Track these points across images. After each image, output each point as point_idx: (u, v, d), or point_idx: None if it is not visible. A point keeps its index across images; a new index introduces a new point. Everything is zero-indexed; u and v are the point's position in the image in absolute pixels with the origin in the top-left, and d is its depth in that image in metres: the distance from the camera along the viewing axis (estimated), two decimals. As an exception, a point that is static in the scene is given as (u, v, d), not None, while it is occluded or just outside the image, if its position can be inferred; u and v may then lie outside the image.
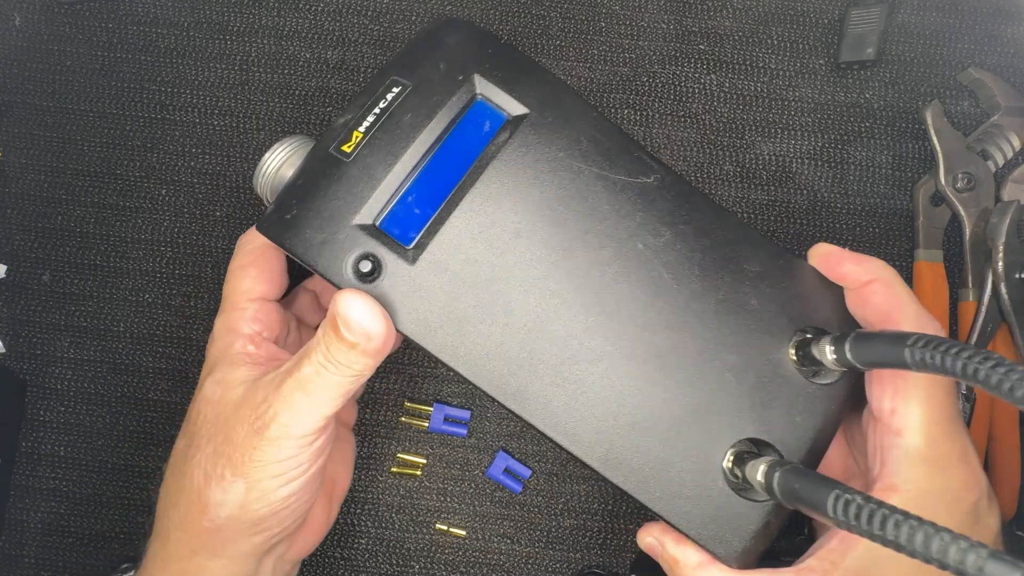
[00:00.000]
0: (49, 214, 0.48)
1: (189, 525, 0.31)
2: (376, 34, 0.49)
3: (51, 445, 0.46)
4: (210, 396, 0.32)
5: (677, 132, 0.48)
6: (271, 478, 0.30)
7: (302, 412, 0.30)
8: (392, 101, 0.31)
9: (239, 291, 0.34)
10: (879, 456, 0.31)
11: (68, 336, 0.47)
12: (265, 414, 0.30)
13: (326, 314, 0.30)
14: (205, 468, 0.30)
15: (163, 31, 0.49)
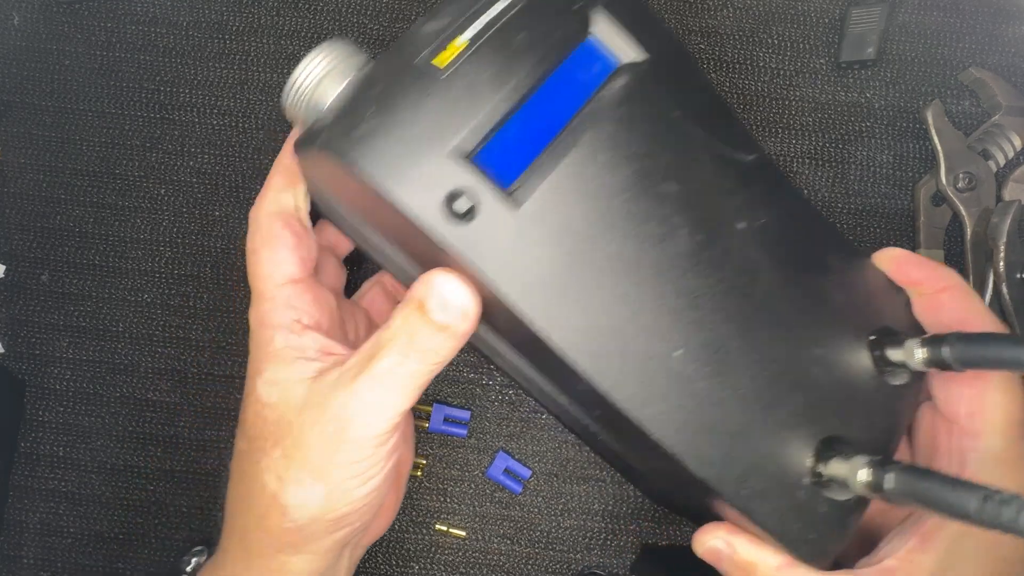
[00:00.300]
0: (48, 214, 0.47)
1: (269, 526, 0.30)
2: (376, 33, 0.49)
3: (50, 445, 0.46)
4: (266, 399, 0.30)
5: (677, 132, 0.48)
6: (351, 478, 0.29)
7: (381, 410, 0.28)
8: (503, 13, 0.27)
9: (262, 277, 0.31)
10: (955, 458, 0.31)
11: (67, 336, 0.47)
12: (341, 416, 0.28)
13: (403, 300, 0.28)
14: (278, 473, 0.29)
15: (162, 30, 0.49)
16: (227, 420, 0.46)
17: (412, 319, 0.27)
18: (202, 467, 0.46)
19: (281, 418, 0.29)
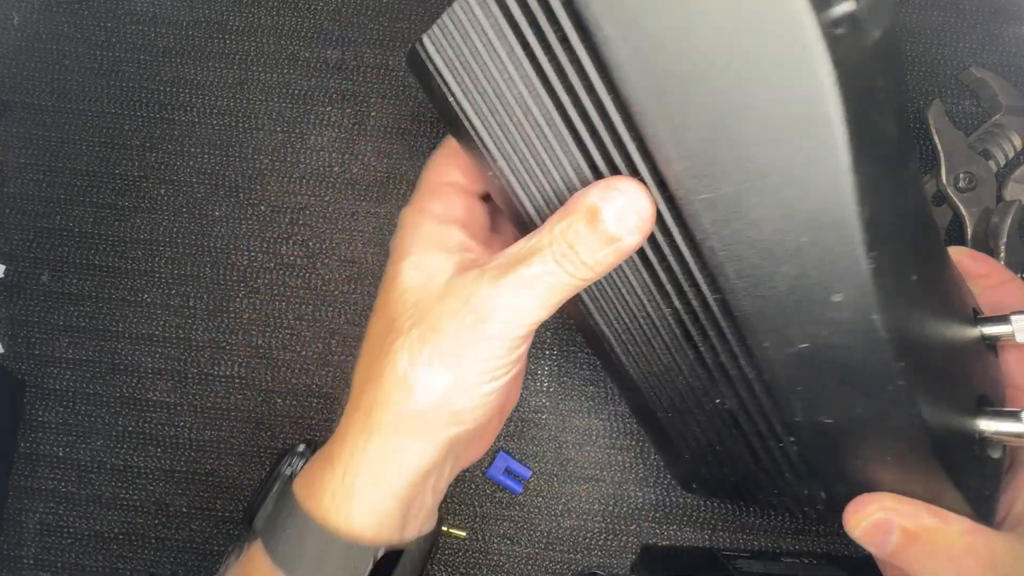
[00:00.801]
0: (47, 214, 0.47)
1: (392, 405, 0.30)
2: (376, 33, 0.49)
3: (50, 445, 0.46)
4: (409, 282, 0.31)
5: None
6: (478, 374, 0.29)
7: (520, 314, 0.28)
8: None
9: (429, 174, 0.33)
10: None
11: (67, 336, 0.47)
12: (480, 311, 0.28)
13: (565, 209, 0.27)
14: (410, 353, 0.29)
15: (162, 30, 0.49)
16: (227, 420, 0.46)
17: (578, 227, 0.26)
18: (202, 467, 0.46)
19: (421, 301, 0.30)
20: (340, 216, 0.47)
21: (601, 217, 0.25)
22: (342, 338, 0.46)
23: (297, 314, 0.47)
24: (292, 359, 0.46)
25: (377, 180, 0.48)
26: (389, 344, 0.30)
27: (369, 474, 0.29)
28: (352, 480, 0.29)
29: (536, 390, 0.46)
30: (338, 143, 0.48)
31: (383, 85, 0.48)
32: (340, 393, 0.46)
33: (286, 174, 0.48)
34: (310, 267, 0.47)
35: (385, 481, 0.29)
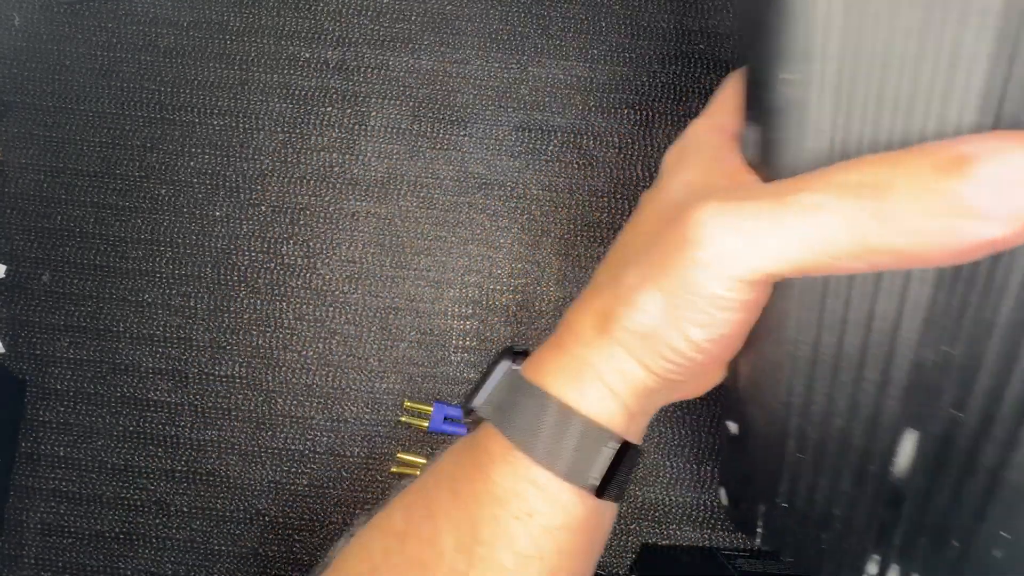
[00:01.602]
0: (49, 214, 0.48)
1: (619, 319, 0.26)
2: (376, 34, 0.49)
3: (51, 445, 0.46)
4: (673, 199, 0.28)
5: (677, 132, 0.48)
6: (687, 313, 0.24)
7: (747, 252, 0.21)
8: None
9: (722, 98, 0.28)
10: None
11: (68, 336, 0.47)
12: (699, 236, 0.22)
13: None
14: (638, 271, 0.26)
15: (162, 31, 0.49)
16: (228, 420, 0.46)
17: (918, 168, 0.18)
18: (203, 467, 0.46)
19: (662, 227, 0.26)
20: (340, 216, 0.48)
21: (969, 171, 0.17)
22: (342, 338, 0.47)
23: (297, 314, 0.47)
24: (292, 359, 0.46)
25: (377, 180, 0.48)
26: (626, 259, 0.27)
27: (599, 373, 0.27)
28: (585, 371, 0.27)
29: (536, 390, 0.46)
30: (338, 143, 0.48)
31: (383, 86, 0.49)
32: (340, 393, 0.46)
33: (287, 174, 0.48)
34: (310, 267, 0.47)
35: (612, 385, 0.27)
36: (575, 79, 0.48)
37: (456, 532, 0.27)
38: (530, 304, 0.47)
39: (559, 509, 0.26)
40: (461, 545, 0.26)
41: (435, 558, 0.26)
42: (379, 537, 0.28)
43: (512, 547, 0.26)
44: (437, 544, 0.27)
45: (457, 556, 0.26)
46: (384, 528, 0.29)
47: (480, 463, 0.27)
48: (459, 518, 0.27)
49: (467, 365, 0.46)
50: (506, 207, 0.48)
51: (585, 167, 0.48)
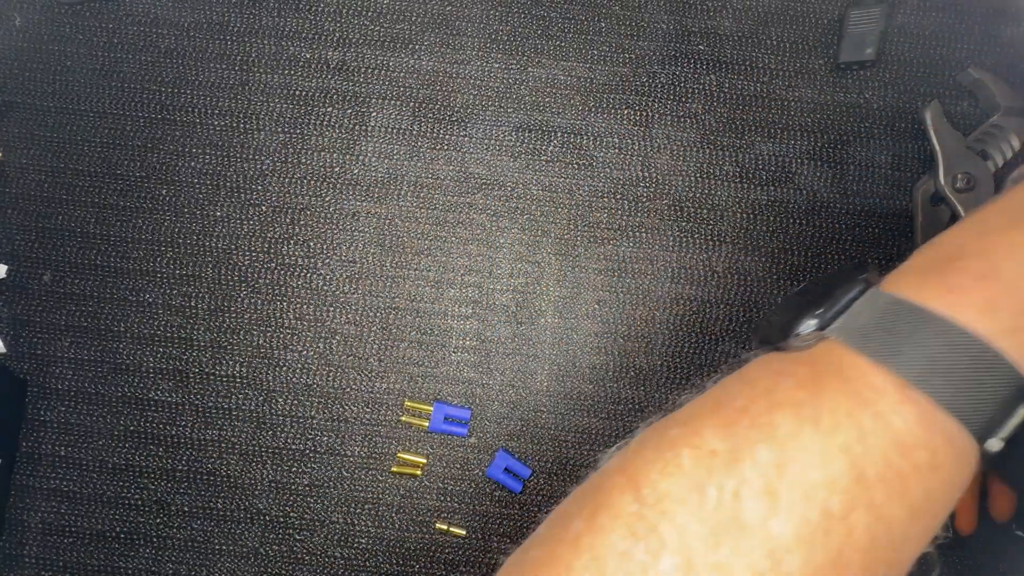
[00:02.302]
0: (49, 214, 0.48)
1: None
2: (376, 34, 0.49)
3: (51, 445, 0.46)
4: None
5: (677, 132, 0.48)
6: None
7: None
8: None
9: None
10: None
11: (68, 336, 0.47)
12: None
13: None
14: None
15: (163, 31, 0.49)
16: (228, 419, 0.46)
17: None
18: (203, 466, 0.46)
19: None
20: (341, 216, 0.48)
21: None
22: (343, 338, 0.47)
23: (298, 314, 0.47)
24: (293, 359, 0.47)
25: (378, 181, 0.48)
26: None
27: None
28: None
29: (536, 390, 0.46)
30: (339, 144, 0.48)
31: (384, 86, 0.49)
32: (341, 392, 0.46)
33: (287, 175, 0.48)
34: (311, 267, 0.47)
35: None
36: (575, 79, 0.49)
37: (825, 468, 0.22)
38: (530, 304, 0.47)
39: (964, 465, 0.23)
40: (835, 484, 0.22)
41: (794, 489, 0.21)
42: (691, 452, 0.23)
43: (907, 498, 0.22)
44: (792, 474, 0.22)
45: (831, 496, 0.21)
46: (695, 444, 0.23)
47: (858, 395, 0.23)
48: (827, 453, 0.22)
49: (467, 365, 0.46)
50: (506, 207, 0.48)
51: (585, 167, 0.48)
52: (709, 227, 0.47)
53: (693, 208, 0.48)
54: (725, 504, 0.21)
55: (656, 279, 0.47)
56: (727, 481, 0.22)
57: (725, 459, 0.22)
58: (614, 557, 0.22)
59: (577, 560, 0.22)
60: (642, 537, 0.22)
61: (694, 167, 0.48)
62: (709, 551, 0.21)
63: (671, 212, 0.47)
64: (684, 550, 0.21)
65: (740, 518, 0.21)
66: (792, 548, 0.21)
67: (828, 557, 0.21)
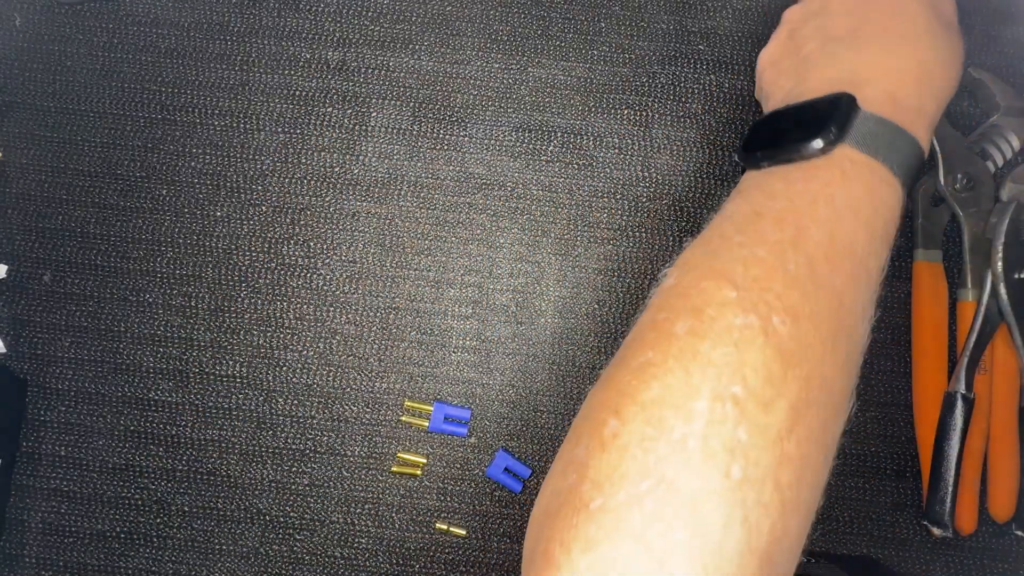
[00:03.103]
0: (50, 214, 0.48)
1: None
2: (377, 35, 0.49)
3: (52, 445, 0.46)
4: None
5: (677, 132, 0.48)
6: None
7: None
8: None
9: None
10: None
11: (69, 336, 0.47)
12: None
13: None
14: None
15: (163, 32, 0.49)
16: (228, 419, 0.46)
17: None
18: (203, 466, 0.46)
19: None
20: (341, 217, 0.48)
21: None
22: (343, 338, 0.47)
23: (298, 314, 0.47)
24: (293, 358, 0.47)
25: (378, 181, 0.48)
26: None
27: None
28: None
29: (536, 390, 0.46)
30: (339, 144, 0.48)
31: (384, 86, 0.49)
32: (341, 392, 0.46)
33: (287, 175, 0.48)
34: (311, 267, 0.47)
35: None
36: (575, 80, 0.49)
37: (814, 208, 0.31)
38: (530, 304, 0.47)
39: (893, 191, 0.34)
40: (816, 218, 0.31)
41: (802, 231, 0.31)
42: (700, 244, 0.33)
43: (859, 218, 0.32)
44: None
45: (819, 228, 0.31)
46: (705, 238, 0.33)
47: (840, 169, 0.33)
48: (813, 192, 0.32)
49: (467, 365, 0.46)
50: (506, 207, 0.48)
51: (585, 167, 0.48)
52: (709, 227, 0.47)
53: (693, 208, 0.48)
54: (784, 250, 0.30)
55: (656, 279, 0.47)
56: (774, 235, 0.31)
57: (758, 234, 0.31)
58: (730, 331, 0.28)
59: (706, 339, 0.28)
60: (750, 309, 0.28)
61: (694, 167, 0.48)
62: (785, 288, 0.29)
63: (671, 212, 0.47)
64: (791, 309, 0.28)
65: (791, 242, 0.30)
66: (790, 251, 0.30)
67: (807, 257, 0.29)
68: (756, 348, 0.27)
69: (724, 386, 0.26)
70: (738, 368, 0.26)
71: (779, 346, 0.27)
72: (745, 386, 0.26)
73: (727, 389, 0.26)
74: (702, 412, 0.26)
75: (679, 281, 0.31)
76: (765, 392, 0.26)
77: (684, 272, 0.31)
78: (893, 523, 0.45)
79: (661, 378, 0.27)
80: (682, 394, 0.26)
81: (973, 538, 0.45)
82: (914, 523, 0.45)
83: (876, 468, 0.46)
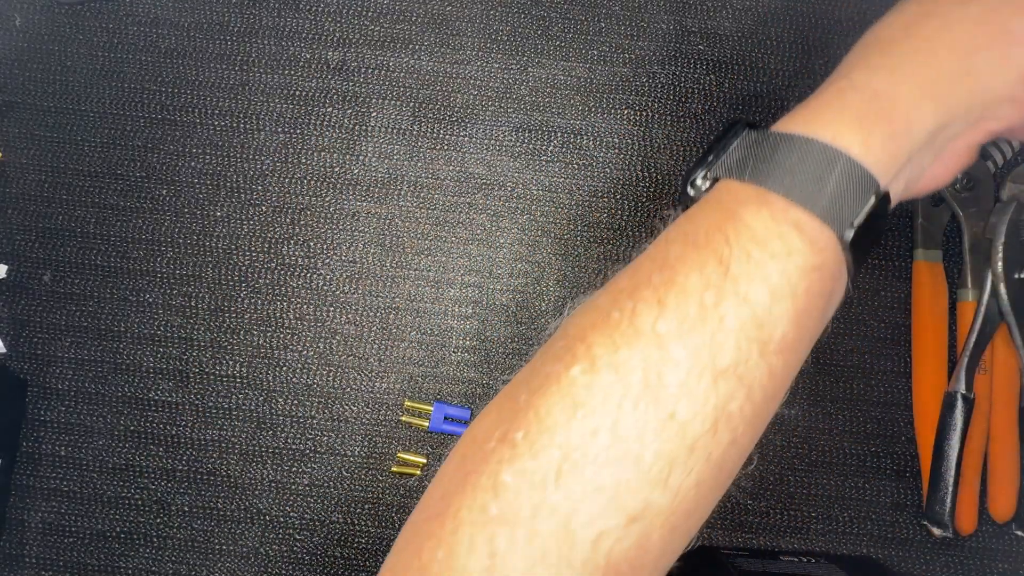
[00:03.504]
0: (50, 214, 0.48)
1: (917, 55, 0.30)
2: (377, 35, 0.49)
3: (52, 445, 0.46)
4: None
5: (677, 132, 0.48)
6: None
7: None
8: None
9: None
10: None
11: (69, 336, 0.47)
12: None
13: None
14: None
15: (163, 32, 0.49)
16: (228, 419, 0.46)
17: None
18: (203, 466, 0.46)
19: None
20: (341, 217, 0.48)
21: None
22: (343, 338, 0.47)
23: (298, 314, 0.47)
24: (293, 359, 0.47)
25: (378, 181, 0.48)
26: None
27: (888, 107, 0.28)
28: (868, 109, 0.28)
29: (536, 390, 0.46)
30: (339, 144, 0.48)
31: (384, 86, 0.49)
32: (341, 392, 0.46)
33: (287, 175, 0.48)
34: (311, 267, 0.47)
35: (894, 124, 0.28)
36: (575, 80, 0.49)
37: (701, 272, 0.26)
38: (530, 304, 0.47)
39: (817, 250, 0.26)
40: (708, 282, 0.26)
41: (677, 295, 0.26)
42: (605, 295, 0.28)
43: (767, 283, 0.26)
44: (676, 283, 0.26)
45: (705, 292, 0.26)
46: (609, 289, 0.28)
47: (728, 211, 0.27)
48: (703, 260, 0.27)
49: (467, 365, 0.46)
50: (506, 207, 0.48)
51: (585, 167, 0.48)
52: (709, 227, 0.47)
53: (693, 208, 0.48)
54: (625, 318, 0.26)
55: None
56: (627, 303, 0.27)
57: (628, 290, 0.27)
58: (541, 378, 0.27)
59: (516, 389, 0.28)
60: (561, 358, 0.27)
61: (694, 167, 0.48)
62: (610, 354, 0.26)
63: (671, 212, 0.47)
64: (590, 357, 0.26)
65: (636, 325, 0.26)
66: (675, 338, 0.26)
67: (703, 340, 0.26)
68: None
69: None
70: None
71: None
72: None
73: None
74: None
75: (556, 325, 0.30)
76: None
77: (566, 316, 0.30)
78: (893, 523, 0.45)
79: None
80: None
81: (973, 538, 0.45)
82: (914, 523, 0.45)
83: (876, 468, 0.46)
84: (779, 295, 0.26)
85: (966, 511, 0.43)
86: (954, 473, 0.42)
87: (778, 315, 0.26)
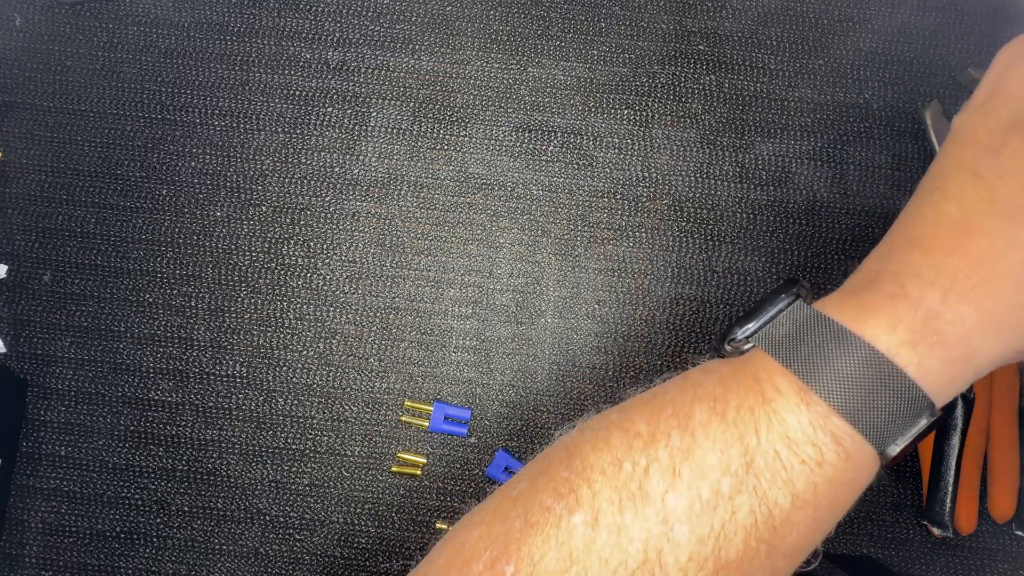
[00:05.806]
0: (50, 214, 0.48)
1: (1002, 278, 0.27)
2: (377, 35, 0.49)
3: (52, 445, 0.46)
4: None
5: (677, 132, 0.48)
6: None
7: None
8: None
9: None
10: None
11: (69, 336, 0.47)
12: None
13: None
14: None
15: (163, 32, 0.49)
16: (228, 419, 0.46)
17: None
18: (203, 466, 0.46)
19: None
20: (341, 216, 0.48)
21: None
22: (343, 338, 0.47)
23: (298, 314, 0.47)
24: (293, 358, 0.47)
25: (378, 181, 0.48)
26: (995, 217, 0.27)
27: (941, 333, 0.25)
28: (926, 328, 0.25)
29: (536, 390, 0.46)
30: (339, 144, 0.48)
31: (384, 86, 0.49)
32: (341, 392, 0.46)
33: (287, 175, 0.48)
34: (311, 267, 0.47)
35: (951, 347, 0.25)
36: (575, 80, 0.49)
37: (723, 453, 0.25)
38: (530, 304, 0.47)
39: (852, 467, 0.25)
40: (727, 468, 0.25)
41: (694, 470, 0.25)
42: (619, 434, 0.27)
43: (791, 487, 0.24)
44: (695, 457, 0.25)
45: (723, 478, 0.25)
46: (624, 427, 0.27)
47: (763, 395, 0.25)
48: (727, 441, 0.25)
49: (467, 365, 0.46)
50: (506, 207, 0.48)
51: (585, 167, 0.48)
52: (709, 227, 0.47)
53: (693, 208, 0.48)
54: (636, 477, 0.25)
55: (656, 279, 0.47)
56: (641, 458, 0.26)
57: (645, 440, 0.26)
58: (539, 511, 0.26)
59: (512, 511, 0.27)
60: (563, 496, 0.26)
61: (694, 167, 0.48)
62: (615, 513, 0.25)
63: (671, 212, 0.47)
64: (593, 510, 0.25)
65: (645, 489, 0.25)
66: (683, 519, 0.24)
67: (712, 530, 0.24)
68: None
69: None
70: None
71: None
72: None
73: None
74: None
75: (559, 442, 0.29)
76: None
77: (571, 433, 0.29)
78: (893, 523, 0.45)
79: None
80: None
81: (973, 538, 0.45)
82: (914, 523, 0.45)
83: (876, 468, 0.46)
84: (801, 503, 0.25)
85: (966, 511, 0.43)
86: (954, 473, 0.42)
87: (796, 522, 0.25)
